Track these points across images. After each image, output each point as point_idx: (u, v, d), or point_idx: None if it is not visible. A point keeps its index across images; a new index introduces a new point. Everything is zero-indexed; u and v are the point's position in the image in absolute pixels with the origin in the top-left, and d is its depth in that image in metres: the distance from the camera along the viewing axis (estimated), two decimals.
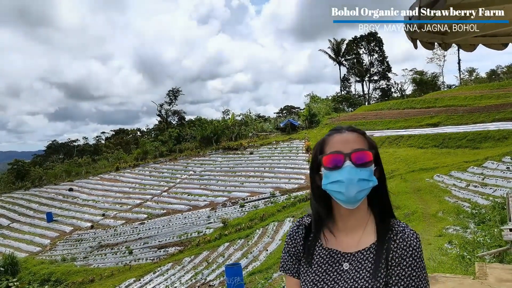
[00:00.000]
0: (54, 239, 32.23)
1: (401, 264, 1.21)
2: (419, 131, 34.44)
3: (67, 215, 36.52)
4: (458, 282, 4.60)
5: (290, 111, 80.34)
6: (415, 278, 1.20)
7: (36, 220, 36.73)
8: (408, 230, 1.27)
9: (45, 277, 25.13)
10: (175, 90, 73.99)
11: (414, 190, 18.28)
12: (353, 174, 1.22)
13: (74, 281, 22.82)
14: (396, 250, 1.23)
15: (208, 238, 23.91)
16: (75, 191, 42.25)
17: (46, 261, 27.56)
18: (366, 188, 1.24)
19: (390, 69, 75.33)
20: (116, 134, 79.09)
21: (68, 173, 50.22)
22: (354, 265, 1.27)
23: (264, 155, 41.57)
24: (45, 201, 41.02)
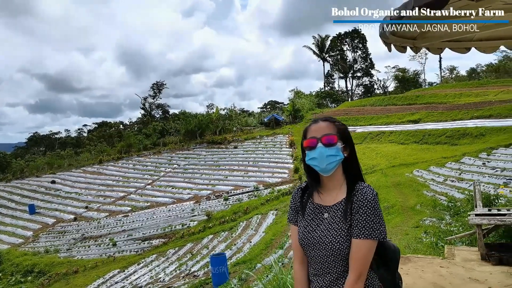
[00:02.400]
0: (36, 231, 32.08)
1: (360, 211, 1.68)
2: (400, 128, 35.14)
3: (49, 207, 36.30)
4: (428, 262, 5.02)
5: (274, 106, 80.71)
6: (369, 221, 1.66)
7: (18, 212, 36.43)
8: (366, 189, 1.72)
9: (28, 268, 25.12)
10: (159, 84, 73.71)
11: (394, 184, 18.83)
12: (323, 152, 1.75)
13: (57, 272, 22.88)
14: (356, 202, 1.71)
15: (192, 230, 24.18)
16: (58, 184, 41.94)
17: (29, 253, 27.48)
18: (334, 161, 1.76)
19: (373, 66, 76.34)
20: (99, 127, 78.42)
21: (50, 166, 49.77)
22: (331, 214, 1.78)
23: (248, 149, 41.89)
24: (27, 193, 40.64)
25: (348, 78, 77.51)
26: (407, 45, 3.06)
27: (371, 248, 1.67)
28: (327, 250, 1.73)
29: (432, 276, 4.52)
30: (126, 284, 18.00)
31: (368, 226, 1.65)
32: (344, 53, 76.29)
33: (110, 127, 77.05)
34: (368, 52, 75.51)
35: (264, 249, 16.25)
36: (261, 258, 14.25)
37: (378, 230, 1.66)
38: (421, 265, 4.91)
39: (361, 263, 1.66)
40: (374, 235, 1.65)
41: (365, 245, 1.66)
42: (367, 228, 1.65)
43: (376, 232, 1.65)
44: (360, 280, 1.67)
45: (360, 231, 1.66)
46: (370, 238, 1.65)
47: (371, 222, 1.66)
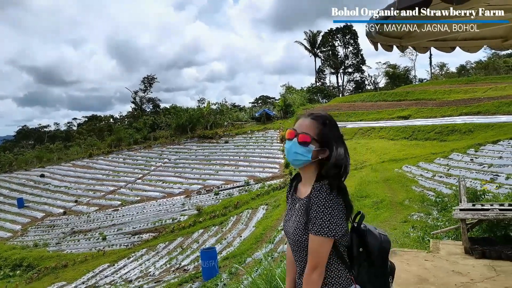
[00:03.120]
0: (25, 225, 31.90)
1: (312, 208, 1.75)
2: (390, 123, 35.38)
3: (38, 201, 36.08)
4: (414, 255, 5.14)
5: (265, 101, 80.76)
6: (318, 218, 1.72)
7: (6, 206, 36.15)
8: (321, 188, 1.76)
9: (17, 262, 25.00)
10: (150, 78, 73.38)
11: (384, 179, 19.00)
12: (293, 147, 1.83)
13: (47, 266, 22.80)
14: (312, 199, 1.77)
15: (183, 225, 24.22)
16: (47, 177, 41.68)
17: (17, 247, 27.34)
18: (299, 159, 1.83)
19: (364, 62, 76.69)
20: (89, 121, 77.92)
21: (40, 159, 49.42)
22: (300, 205, 1.86)
23: (239, 144, 41.95)
24: (16, 187, 40.34)
25: (339, 74, 77.81)
26: (393, 44, 3.14)
27: (321, 244, 1.72)
28: (293, 240, 1.84)
29: (417, 269, 4.64)
30: (116, 278, 18.00)
31: (318, 223, 1.71)
32: (335, 49, 76.53)
33: (100, 121, 76.60)
34: (360, 48, 75.87)
35: (254, 244, 16.34)
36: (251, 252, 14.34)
37: (327, 228, 1.70)
38: (407, 258, 5.03)
39: (314, 256, 1.73)
40: (322, 233, 1.70)
41: (316, 240, 1.72)
42: (317, 225, 1.72)
43: (324, 230, 1.70)
44: (316, 272, 1.73)
45: (312, 227, 1.73)
46: (317, 234, 1.71)
47: (320, 219, 1.71)
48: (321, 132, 1.82)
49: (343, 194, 1.79)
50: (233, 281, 9.85)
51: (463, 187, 6.24)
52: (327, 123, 1.85)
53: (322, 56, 77.07)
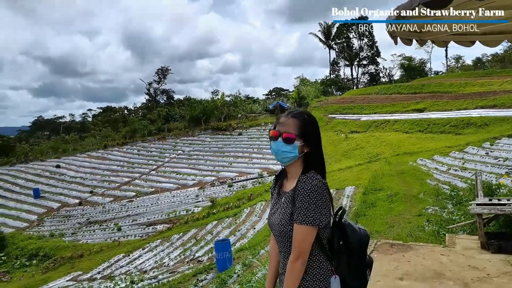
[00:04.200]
0: (41, 215, 32.41)
1: (298, 198, 1.84)
2: (405, 116, 35.05)
3: (54, 191, 36.60)
4: (429, 250, 5.13)
5: (279, 93, 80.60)
6: (304, 208, 1.81)
7: (22, 196, 36.70)
8: (308, 179, 1.86)
9: (33, 252, 25.39)
10: (164, 69, 73.70)
11: (398, 173, 18.87)
12: (280, 146, 1.94)
13: (63, 256, 23.14)
14: (297, 189, 1.86)
15: (197, 216, 24.37)
16: (62, 168, 42.24)
17: (34, 237, 27.78)
18: (287, 157, 1.95)
19: (379, 54, 75.88)
20: (104, 112, 78.66)
21: (55, 150, 50.06)
22: (285, 199, 1.96)
23: (253, 136, 42.00)
24: (32, 178, 40.93)
25: (354, 66, 77.14)
26: (412, 38, 3.13)
27: (305, 233, 1.81)
28: (278, 231, 1.93)
29: (432, 264, 4.63)
30: (131, 268, 18.23)
31: (303, 213, 1.81)
32: (350, 40, 75.83)
33: (114, 112, 77.31)
34: (375, 40, 75.09)
35: (268, 236, 16.37)
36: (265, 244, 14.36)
37: (312, 217, 1.80)
38: (422, 252, 5.02)
39: (298, 245, 1.82)
40: (307, 221, 1.79)
41: (301, 230, 1.81)
42: (302, 214, 1.81)
43: (308, 219, 1.80)
44: (299, 260, 1.82)
45: (297, 216, 1.83)
46: (302, 223, 1.80)
47: (306, 209, 1.81)
48: (303, 128, 1.94)
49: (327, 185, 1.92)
50: (247, 272, 9.91)
51: (479, 181, 6.20)
52: (307, 119, 1.97)
53: (336, 48, 76.51)
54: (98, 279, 17.50)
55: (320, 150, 1.99)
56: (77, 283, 17.53)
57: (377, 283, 4.02)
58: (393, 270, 4.43)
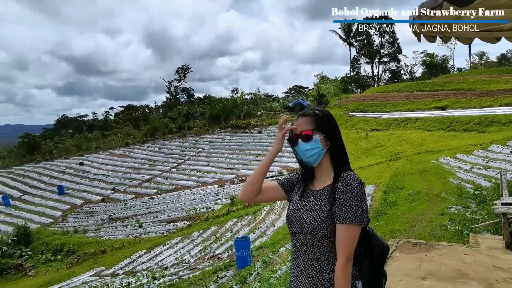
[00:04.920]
0: (65, 211, 33.07)
1: (344, 197, 1.80)
2: (427, 114, 34.55)
3: (78, 188, 37.32)
4: (453, 249, 5.07)
5: (298, 91, 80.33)
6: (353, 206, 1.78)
7: (47, 193, 37.55)
8: (350, 176, 1.84)
9: (57, 247, 25.96)
10: (185, 67, 74.14)
11: (420, 171, 18.63)
12: (302, 147, 1.94)
13: (86, 251, 23.58)
14: (341, 187, 1.83)
15: (217, 213, 24.49)
16: (86, 165, 43.01)
17: (58, 232, 28.37)
18: (313, 154, 1.93)
19: (401, 51, 74.80)
20: (125, 110, 79.63)
21: (78, 148, 50.97)
22: (316, 197, 1.93)
23: (273, 134, 41.97)
24: (56, 175, 41.81)
25: (375, 63, 76.27)
26: (436, 35, 3.10)
27: (355, 233, 1.79)
28: (307, 229, 1.87)
29: (456, 263, 4.58)
30: (152, 265, 18.44)
31: (352, 211, 1.77)
32: (371, 37, 74.92)
33: (136, 110, 78.19)
34: (396, 37, 74.00)
35: (288, 234, 16.39)
36: (285, 242, 14.35)
37: (361, 216, 1.78)
38: (445, 252, 4.97)
39: (348, 247, 1.78)
40: (357, 220, 1.76)
41: (349, 230, 1.77)
42: (351, 213, 1.77)
43: (359, 217, 1.77)
44: (349, 264, 1.78)
45: (344, 216, 1.78)
46: (353, 222, 1.76)
47: (354, 207, 1.77)
48: (317, 121, 1.95)
49: None
50: (267, 270, 9.94)
51: (504, 180, 6.10)
52: (317, 113, 1.98)
53: (357, 45, 75.71)
54: (120, 274, 17.77)
55: (341, 142, 1.98)
56: (100, 278, 17.84)
57: (399, 283, 4.00)
58: (416, 269, 4.40)
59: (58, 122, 79.83)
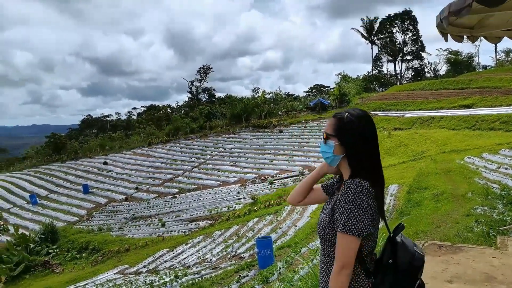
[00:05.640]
0: (90, 210, 33.68)
1: (339, 205, 1.79)
2: (452, 113, 33.94)
3: (102, 187, 37.97)
4: (480, 252, 4.96)
5: (320, 90, 79.93)
6: (344, 215, 1.75)
7: (72, 192, 38.33)
8: (351, 185, 1.80)
9: (83, 245, 26.48)
10: (206, 67, 74.61)
11: (444, 171, 18.31)
12: (321, 147, 2.01)
13: (110, 249, 23.98)
14: (339, 195, 1.82)
15: (238, 213, 24.57)
16: (110, 165, 43.73)
17: (83, 230, 28.93)
18: (326, 157, 1.98)
19: (424, 49, 73.60)
20: (148, 110, 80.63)
21: (102, 147, 51.84)
22: (331, 202, 1.96)
23: (294, 133, 41.87)
24: (81, 174, 42.64)
25: (397, 61, 75.25)
26: (464, 35, 3.04)
27: (347, 243, 1.73)
28: (318, 232, 1.94)
29: (483, 267, 4.48)
30: (175, 263, 18.62)
31: (343, 220, 1.74)
32: (393, 35, 74.01)
33: (158, 110, 79.08)
34: (419, 34, 72.88)
35: (310, 233, 16.31)
36: (307, 242, 14.33)
37: (351, 227, 1.72)
38: (472, 255, 4.87)
39: (341, 255, 1.74)
40: (346, 230, 1.72)
41: (342, 238, 1.74)
42: (341, 222, 1.75)
43: (348, 227, 1.72)
44: (343, 272, 1.73)
45: (338, 223, 1.78)
46: (343, 232, 1.73)
47: (346, 216, 1.74)
48: (337, 128, 1.91)
49: (376, 195, 1.81)
50: (289, 270, 9.92)
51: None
52: (345, 119, 1.90)
53: (379, 43, 74.87)
54: (143, 272, 18.01)
55: (361, 154, 1.88)
56: (124, 276, 18.11)
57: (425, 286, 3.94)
58: (442, 272, 4.33)
59: (83, 122, 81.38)
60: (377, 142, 1.93)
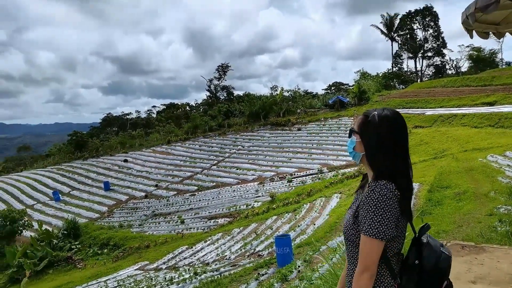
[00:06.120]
0: (111, 207, 34.18)
1: (363, 207, 1.77)
2: (474, 110, 33.34)
3: (122, 184, 38.50)
4: (504, 252, 4.87)
5: (338, 88, 79.38)
6: (368, 218, 1.73)
7: (94, 189, 38.97)
8: (375, 187, 1.76)
9: (104, 241, 26.92)
10: (225, 66, 74.81)
11: (466, 169, 18.01)
12: (348, 142, 1.97)
13: (131, 246, 24.30)
14: (363, 197, 1.80)
15: (256, 211, 24.61)
16: (130, 162, 44.28)
17: (104, 227, 29.39)
18: (350, 152, 1.96)
19: (445, 45, 72.51)
20: (167, 108, 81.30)
21: (123, 145, 52.55)
22: (356, 201, 1.95)
23: (312, 131, 41.70)
24: (102, 171, 43.30)
25: (418, 58, 74.24)
26: (489, 31, 2.98)
27: (371, 245, 1.71)
28: (343, 233, 1.92)
29: (508, 267, 4.40)
30: (194, 260, 18.75)
31: (367, 223, 1.72)
32: (414, 32, 73.02)
33: (177, 109, 79.66)
34: (440, 31, 71.78)
35: (328, 232, 16.24)
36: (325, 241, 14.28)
37: (376, 229, 1.69)
38: (497, 255, 4.78)
39: (363, 257, 1.72)
40: (369, 233, 1.70)
41: (365, 241, 1.72)
42: (366, 224, 1.73)
43: (373, 230, 1.70)
44: (366, 274, 1.71)
45: (362, 226, 1.76)
46: (366, 235, 1.71)
47: (370, 219, 1.71)
48: (362, 125, 1.90)
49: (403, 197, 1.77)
50: (308, 268, 9.90)
51: None
52: (371, 117, 1.87)
53: (399, 40, 73.94)
54: (163, 269, 18.19)
55: (378, 155, 1.84)
56: (144, 272, 18.33)
57: None
58: (465, 273, 4.26)
59: (104, 120, 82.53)
60: (403, 145, 1.86)
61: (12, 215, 29.55)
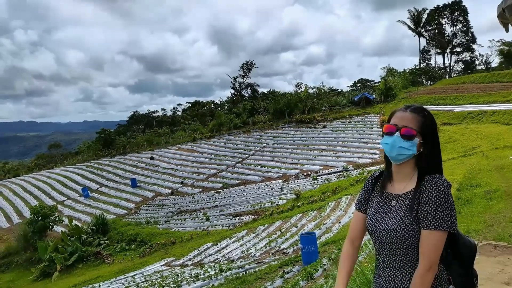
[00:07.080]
0: (138, 203, 34.74)
1: (429, 202, 1.73)
2: (505, 107, 32.44)
3: (149, 181, 39.06)
4: None
5: (364, 85, 78.44)
6: (439, 211, 1.70)
7: (121, 185, 39.69)
8: (436, 180, 1.76)
9: (131, 237, 27.43)
10: (249, 63, 74.84)
11: (497, 168, 17.53)
12: (397, 142, 1.82)
13: (157, 242, 24.67)
14: (425, 192, 1.75)
15: (281, 208, 24.57)
16: (156, 160, 44.88)
17: (132, 223, 29.92)
18: (404, 154, 1.82)
19: (475, 40, 70.56)
20: (192, 106, 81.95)
21: (149, 143, 53.29)
22: (399, 203, 1.86)
23: (337, 129, 41.36)
24: (129, 168, 44.04)
25: (446, 53, 72.56)
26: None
27: (441, 240, 1.71)
28: (393, 238, 1.80)
29: None
30: (219, 257, 18.89)
31: (438, 217, 1.69)
32: (442, 27, 71.37)
33: (202, 106, 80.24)
34: (470, 26, 69.93)
35: None
36: None
37: (449, 222, 1.70)
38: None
39: (431, 254, 1.70)
40: (443, 227, 1.69)
41: (434, 236, 1.70)
42: (436, 219, 1.70)
43: (446, 223, 1.69)
44: (431, 271, 1.71)
45: (429, 222, 1.71)
46: (439, 229, 1.69)
47: (441, 213, 1.70)
48: (423, 124, 1.84)
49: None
50: (333, 267, 9.84)
51: None
52: (427, 115, 1.87)
53: (427, 35, 72.40)
54: (189, 265, 18.39)
55: (436, 151, 1.88)
56: (170, 268, 18.58)
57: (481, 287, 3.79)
58: (498, 274, 4.16)
59: (131, 118, 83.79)
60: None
61: (44, 211, 30.41)
